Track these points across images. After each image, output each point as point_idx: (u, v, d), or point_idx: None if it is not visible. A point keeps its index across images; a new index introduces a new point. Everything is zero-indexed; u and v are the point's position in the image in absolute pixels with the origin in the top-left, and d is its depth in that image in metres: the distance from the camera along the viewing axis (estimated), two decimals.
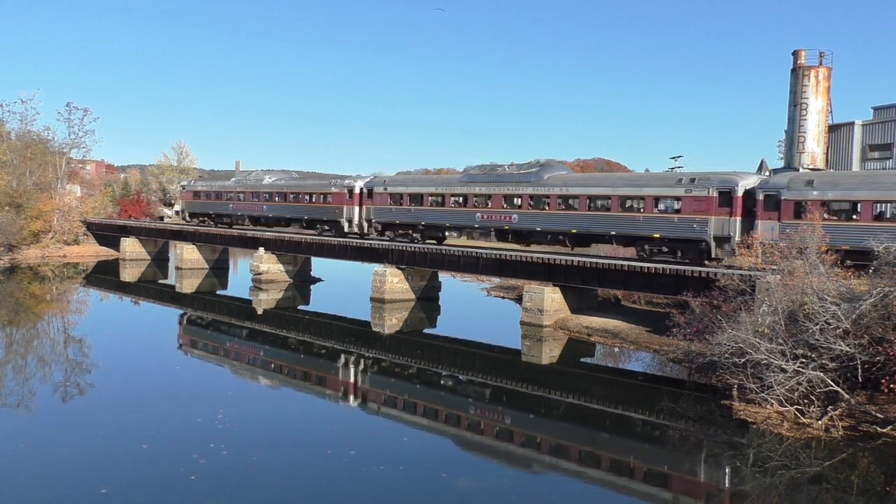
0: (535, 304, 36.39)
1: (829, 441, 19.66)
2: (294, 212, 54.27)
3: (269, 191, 56.60)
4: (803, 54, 46.11)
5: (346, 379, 28.16)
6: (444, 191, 43.22)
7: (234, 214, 60.43)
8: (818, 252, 24.25)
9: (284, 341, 35.16)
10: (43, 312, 42.43)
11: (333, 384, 27.38)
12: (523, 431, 22.21)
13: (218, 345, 34.16)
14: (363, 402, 25.12)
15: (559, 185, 37.67)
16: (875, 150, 45.72)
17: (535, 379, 28.66)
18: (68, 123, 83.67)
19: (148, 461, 17.37)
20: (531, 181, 38.57)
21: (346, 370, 29.66)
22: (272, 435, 19.93)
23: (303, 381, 27.79)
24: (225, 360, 31.07)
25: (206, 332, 37.93)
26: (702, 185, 32.21)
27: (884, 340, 20.99)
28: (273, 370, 29.46)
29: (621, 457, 20.02)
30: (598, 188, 36.64)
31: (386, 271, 43.28)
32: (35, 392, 24.21)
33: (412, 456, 19.02)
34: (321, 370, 29.67)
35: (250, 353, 32.40)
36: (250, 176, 60.21)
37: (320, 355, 32.25)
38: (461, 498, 16.34)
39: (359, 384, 27.46)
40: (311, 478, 16.96)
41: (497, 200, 40.02)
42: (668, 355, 29.93)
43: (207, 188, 64.82)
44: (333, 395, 25.83)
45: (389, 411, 24.03)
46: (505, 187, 39.72)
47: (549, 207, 37.76)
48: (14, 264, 62.50)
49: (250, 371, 29.04)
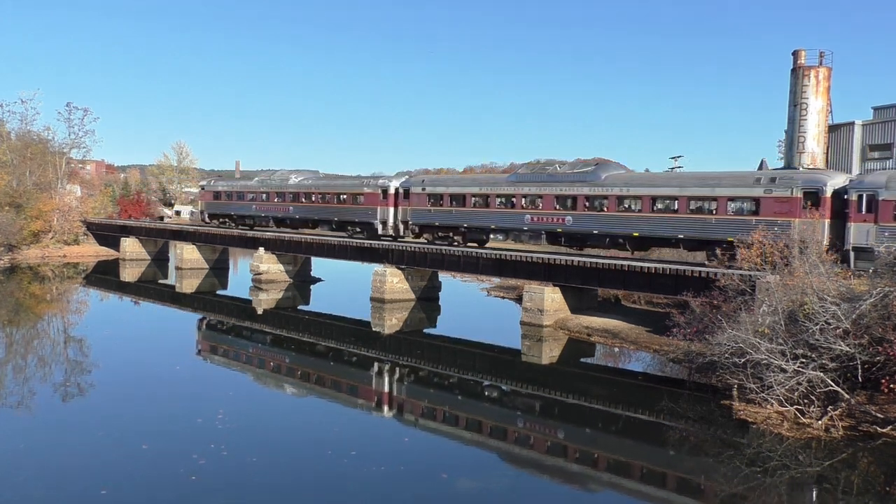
0: (535, 304, 36.39)
1: (829, 441, 19.66)
2: (323, 213, 51.97)
3: (295, 191, 54.23)
4: (803, 54, 46.05)
5: (345, 379, 28.14)
6: (490, 191, 41.15)
7: (256, 216, 58.16)
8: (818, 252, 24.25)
9: (284, 341, 35.15)
10: (43, 312, 42.43)
11: (333, 385, 27.36)
12: (523, 431, 22.21)
13: (219, 345, 34.16)
14: (363, 403, 25.11)
15: (619, 184, 35.69)
16: (875, 150, 45.70)
17: (535, 379, 28.66)
18: (68, 123, 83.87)
19: (148, 462, 17.38)
20: (587, 181, 36.74)
21: (346, 371, 29.65)
22: (272, 435, 19.93)
23: (302, 381, 27.78)
24: (224, 359, 31.06)
25: (213, 333, 37.93)
26: (784, 185, 30.25)
27: (884, 340, 20.99)
28: (272, 370, 29.45)
29: (621, 457, 20.02)
30: (664, 188, 34.40)
31: (386, 271, 43.27)
32: (35, 392, 24.21)
33: (413, 456, 19.02)
34: (321, 370, 29.66)
35: (249, 353, 32.40)
36: (275, 176, 57.80)
37: (320, 355, 32.24)
38: (461, 498, 16.34)
39: (359, 384, 27.45)
40: (311, 478, 16.97)
41: (548, 201, 38.12)
42: (668, 355, 29.93)
43: (228, 188, 62.22)
44: (333, 396, 25.81)
45: (390, 411, 24.04)
46: (557, 187, 37.82)
47: (608, 209, 35.80)
48: (14, 264, 62.51)
49: (250, 371, 29.03)
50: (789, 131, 47.31)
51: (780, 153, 60.98)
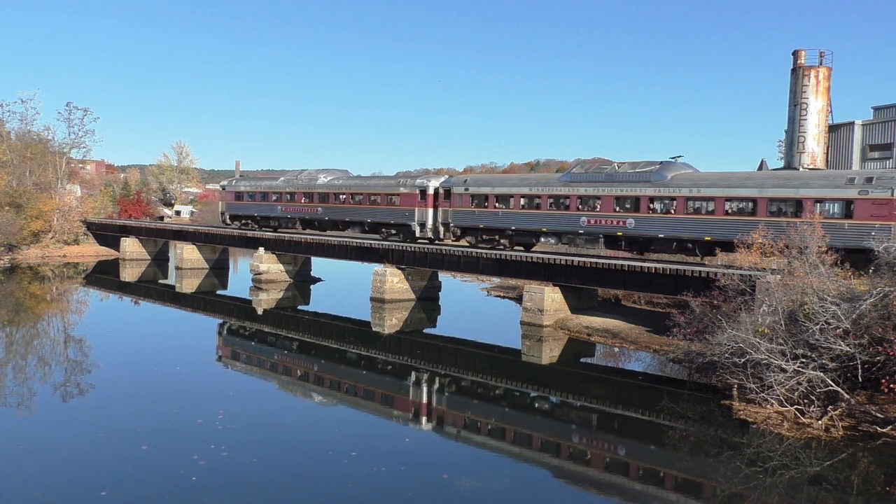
0: (535, 303, 36.39)
1: (829, 441, 19.66)
2: (355, 214, 49.53)
3: (324, 191, 51.74)
4: (803, 54, 46.12)
5: (345, 380, 28.14)
6: (541, 191, 38.84)
7: (282, 217, 55.70)
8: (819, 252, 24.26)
9: (284, 341, 35.14)
10: (43, 312, 42.43)
11: (333, 385, 27.36)
12: (524, 431, 22.20)
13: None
14: (363, 403, 25.09)
15: (688, 185, 33.51)
16: (875, 150, 45.73)
17: (535, 379, 28.66)
18: (68, 123, 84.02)
19: (148, 463, 17.36)
20: (652, 181, 34.58)
21: (346, 371, 29.64)
22: (272, 436, 19.92)
23: (302, 381, 27.78)
24: (224, 359, 31.06)
25: (212, 331, 37.92)
26: (883, 186, 28.08)
27: (884, 340, 20.99)
28: (271, 370, 29.44)
29: (621, 457, 20.02)
30: (740, 189, 32.00)
31: (386, 271, 43.27)
32: (35, 392, 24.20)
33: (414, 456, 19.02)
34: (320, 370, 29.65)
35: (248, 353, 32.39)
36: (301, 175, 54.94)
37: (319, 356, 32.24)
38: (462, 498, 16.33)
39: (358, 385, 27.43)
40: (312, 479, 16.96)
41: (607, 203, 36.00)
42: (668, 355, 29.94)
43: (251, 188, 59.27)
44: (333, 396, 25.81)
45: (390, 412, 24.03)
46: (617, 188, 35.65)
47: (676, 211, 33.65)
48: (14, 264, 62.52)
49: (249, 371, 29.02)
50: (789, 131, 47.37)
51: (780, 153, 61.07)
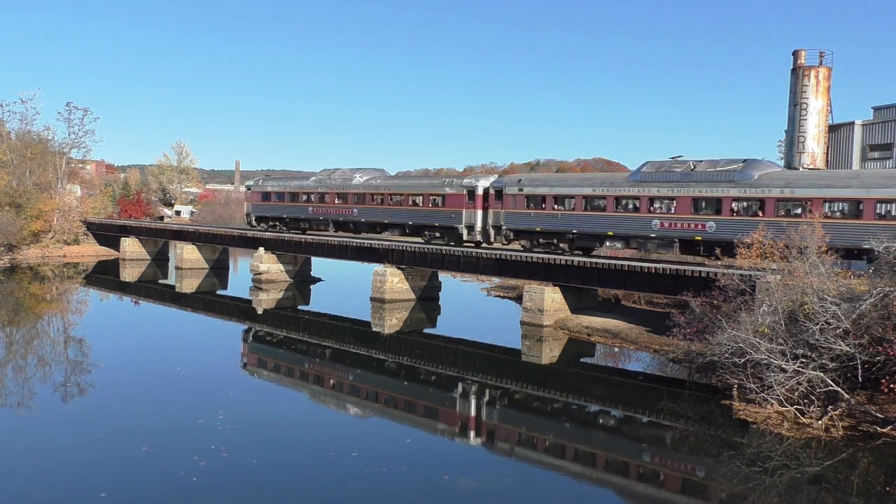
0: (535, 303, 36.39)
1: (829, 441, 19.67)
2: (394, 216, 46.86)
3: (361, 192, 49.09)
4: (803, 54, 46.11)
5: (346, 380, 28.14)
6: (606, 192, 36.28)
7: (313, 219, 53.08)
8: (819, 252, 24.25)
9: (283, 342, 35.15)
10: (43, 312, 42.43)
11: (333, 385, 27.36)
12: (523, 431, 22.20)
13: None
14: (364, 403, 25.09)
15: (778, 185, 30.93)
16: (875, 150, 45.72)
17: (535, 379, 28.66)
18: (68, 123, 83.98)
19: (148, 463, 17.36)
20: (735, 181, 32.03)
21: (346, 371, 29.63)
22: (273, 436, 19.91)
23: (301, 381, 27.79)
24: (223, 359, 31.04)
25: (215, 333, 37.91)
26: None
27: (884, 340, 20.99)
28: (271, 371, 29.44)
29: (621, 457, 20.02)
30: (842, 189, 29.28)
31: (386, 271, 43.28)
32: (35, 392, 24.20)
33: (414, 457, 19.01)
34: (320, 370, 29.66)
35: (247, 352, 32.40)
36: (335, 175, 52.05)
37: (319, 355, 32.24)
38: (462, 498, 16.32)
39: (359, 385, 27.43)
40: (312, 479, 16.96)
41: (684, 204, 33.42)
42: (668, 355, 29.93)
43: (280, 188, 56.59)
44: (333, 396, 25.81)
45: (391, 412, 24.02)
46: (695, 188, 33.17)
47: (765, 213, 30.93)
48: (14, 264, 62.52)
49: (249, 371, 29.02)
50: (789, 131, 47.36)
51: (780, 153, 61.06)
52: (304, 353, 32.55)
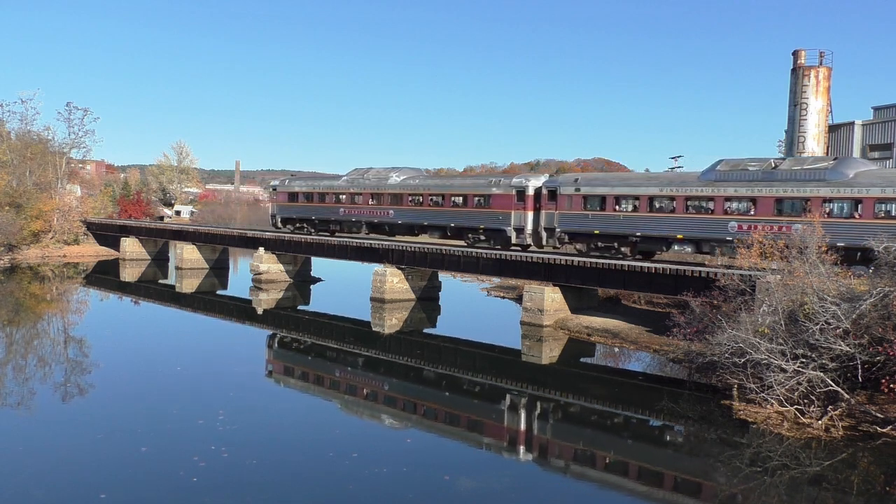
0: (535, 303, 36.39)
1: (829, 441, 19.67)
2: (435, 218, 44.69)
3: (398, 192, 46.89)
4: (803, 54, 46.15)
5: (346, 380, 28.14)
6: (675, 192, 34.24)
7: (344, 220, 50.72)
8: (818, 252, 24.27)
9: (284, 341, 35.15)
10: (43, 312, 42.43)
11: (333, 385, 27.36)
12: (524, 431, 22.21)
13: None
14: (364, 403, 25.08)
15: (879, 184, 28.80)
16: (875, 150, 45.76)
17: (535, 379, 28.66)
18: (68, 123, 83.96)
19: (148, 463, 17.33)
20: (826, 179, 30.03)
21: (346, 371, 29.64)
22: (273, 436, 19.90)
23: (301, 381, 27.79)
24: (223, 359, 31.02)
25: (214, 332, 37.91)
26: None
27: (884, 340, 20.99)
28: (271, 371, 29.43)
29: (621, 457, 20.01)
30: None
31: (386, 271, 43.28)
32: (35, 392, 24.19)
33: (415, 457, 18.99)
34: (320, 370, 29.66)
35: (246, 353, 32.39)
36: (369, 174, 49.66)
37: (319, 355, 32.25)
38: (463, 499, 16.32)
39: (359, 385, 27.43)
40: (313, 480, 16.95)
41: (765, 206, 31.35)
42: (668, 355, 29.94)
43: (308, 188, 54.09)
44: (333, 397, 25.81)
45: (391, 412, 24.02)
46: (779, 188, 31.12)
47: (863, 216, 28.87)
48: (14, 264, 62.52)
49: (248, 371, 29.00)
50: (789, 131, 47.39)
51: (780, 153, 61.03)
52: (305, 354, 32.55)
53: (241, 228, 65.19)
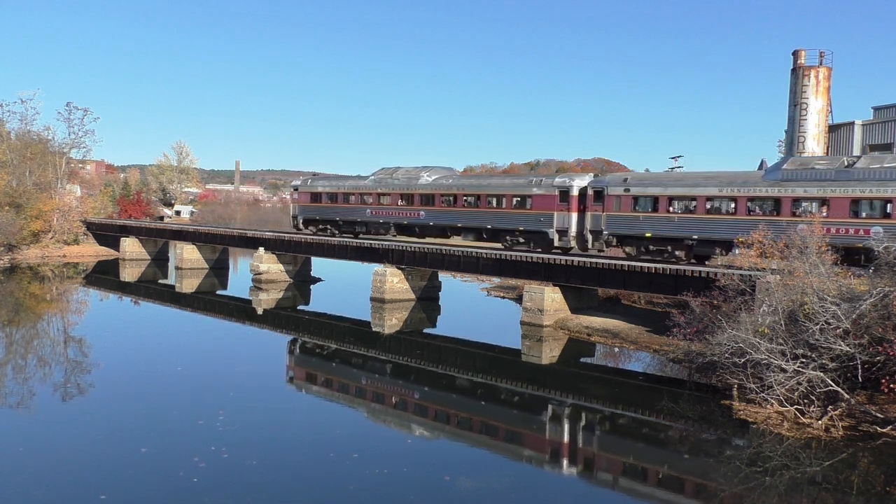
0: (535, 303, 36.39)
1: (829, 441, 19.67)
2: (470, 219, 42.98)
3: (429, 192, 45.11)
4: (803, 54, 46.17)
5: (346, 380, 28.14)
6: (736, 192, 32.18)
7: (371, 222, 48.87)
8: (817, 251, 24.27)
9: (283, 341, 35.15)
10: (43, 312, 42.42)
11: (333, 385, 27.36)
12: (524, 431, 22.20)
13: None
14: (365, 404, 25.09)
15: None
16: (875, 150, 45.74)
17: (535, 379, 28.66)
18: (68, 123, 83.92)
19: (148, 464, 17.32)
20: None
21: (346, 371, 29.64)
22: (273, 436, 19.89)
23: (301, 381, 27.79)
24: (223, 359, 31.02)
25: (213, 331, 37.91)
26: None
27: (884, 340, 20.99)
28: (270, 370, 29.42)
29: (621, 457, 20.01)
30: None
31: (386, 271, 43.28)
32: (35, 392, 24.18)
33: (415, 458, 19.00)
34: (320, 370, 29.66)
35: (246, 353, 32.37)
36: (398, 173, 47.84)
37: (319, 355, 32.25)
38: (463, 499, 16.31)
39: (360, 385, 27.44)
40: (313, 480, 16.95)
41: (839, 206, 29.33)
42: (668, 355, 29.94)
43: (333, 188, 51.99)
44: (334, 397, 25.81)
45: (392, 412, 24.02)
46: (857, 188, 28.99)
47: None
48: (14, 264, 62.51)
49: (248, 371, 28.99)
50: (789, 131, 47.40)
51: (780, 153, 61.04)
52: (304, 354, 32.54)
53: (241, 228, 65.17)
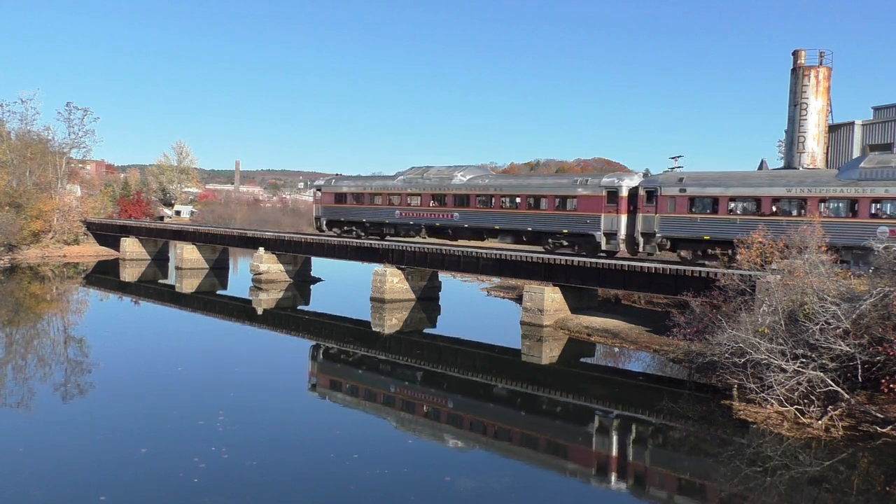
0: (535, 303, 36.39)
1: (829, 441, 19.67)
2: (508, 221, 41.54)
3: (463, 193, 43.53)
4: (803, 54, 46.12)
5: (346, 380, 28.14)
6: (808, 193, 30.28)
7: (400, 223, 47.34)
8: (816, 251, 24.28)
9: (283, 341, 35.14)
10: (43, 312, 42.42)
11: (333, 386, 27.37)
12: (524, 431, 22.20)
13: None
14: (364, 404, 25.10)
15: None
16: (875, 150, 45.71)
17: (535, 379, 28.66)
18: (68, 123, 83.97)
19: (148, 464, 17.32)
20: None
21: (347, 371, 29.64)
22: (273, 437, 19.89)
23: (301, 381, 27.77)
24: (223, 359, 31.02)
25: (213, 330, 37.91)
26: None
27: (884, 340, 21.00)
28: (271, 370, 29.41)
29: (621, 457, 20.03)
30: None
31: (386, 271, 43.29)
32: (35, 392, 24.18)
33: (416, 458, 19.01)
34: (320, 371, 29.66)
35: (246, 353, 32.37)
36: (428, 173, 46.22)
37: (320, 356, 32.24)
38: (463, 499, 16.31)
39: (360, 386, 27.44)
40: (313, 480, 16.95)
41: None
42: (668, 355, 29.94)
43: (359, 189, 50.31)
44: (334, 398, 25.82)
45: (392, 413, 24.03)
46: None
47: None
48: (14, 264, 62.51)
49: (248, 370, 28.99)
50: (789, 131, 47.36)
51: (780, 153, 61.05)
52: (304, 354, 32.53)
53: (241, 228, 65.21)
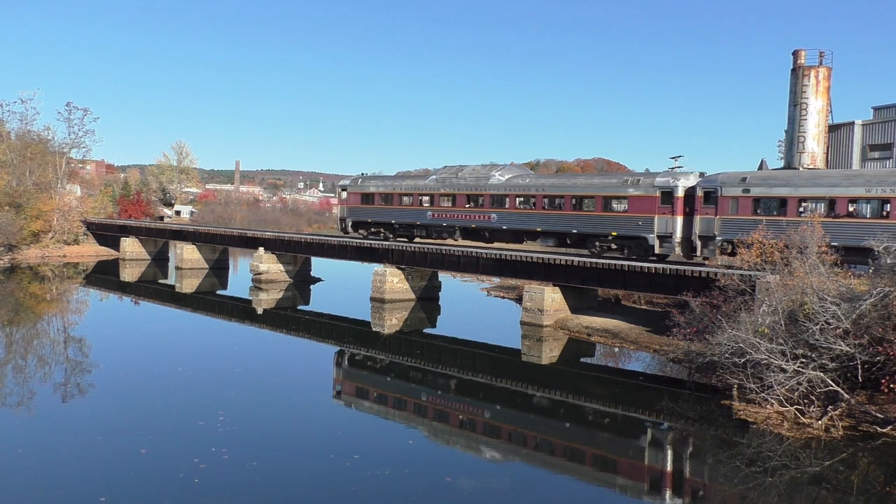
0: (535, 303, 36.39)
1: (829, 441, 19.68)
2: (551, 223, 39.15)
3: (501, 193, 41.41)
4: (803, 54, 46.12)
5: (347, 381, 28.16)
6: (890, 193, 28.38)
7: (433, 225, 45.04)
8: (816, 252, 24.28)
9: (283, 341, 35.13)
10: (43, 312, 42.41)
11: (333, 386, 27.36)
12: (523, 431, 22.20)
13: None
14: (365, 405, 25.11)
15: None
16: (875, 150, 45.72)
17: (535, 379, 28.67)
18: (68, 123, 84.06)
19: (148, 465, 17.31)
20: None
21: (347, 372, 29.65)
22: (274, 438, 19.88)
23: (301, 381, 27.76)
24: (224, 359, 31.01)
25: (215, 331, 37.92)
26: None
27: (884, 340, 21.01)
28: (270, 370, 29.41)
29: (621, 457, 20.02)
30: None
31: (386, 271, 43.30)
32: (35, 392, 24.17)
33: (417, 458, 19.00)
34: (321, 372, 29.65)
35: (246, 352, 32.37)
36: (463, 172, 44.14)
37: (320, 356, 32.24)
38: (463, 499, 16.32)
39: (360, 386, 27.45)
40: (314, 481, 16.94)
41: None
42: (668, 355, 29.95)
43: (388, 189, 48.04)
44: (334, 398, 25.82)
45: (392, 413, 24.03)
46: None
47: None
48: (14, 264, 62.52)
49: (248, 370, 28.99)
50: (789, 131, 47.36)
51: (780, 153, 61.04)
52: (305, 354, 32.53)
53: (241, 228, 65.25)
